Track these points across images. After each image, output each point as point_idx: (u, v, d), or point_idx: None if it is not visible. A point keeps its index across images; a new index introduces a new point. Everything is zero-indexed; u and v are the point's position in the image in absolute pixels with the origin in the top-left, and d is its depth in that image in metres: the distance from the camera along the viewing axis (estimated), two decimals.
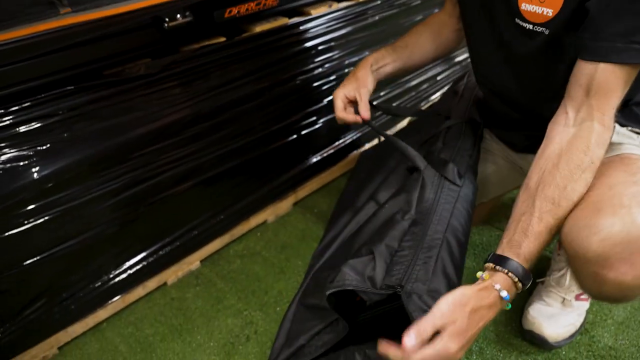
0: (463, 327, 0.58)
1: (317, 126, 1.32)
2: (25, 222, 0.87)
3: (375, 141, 1.55)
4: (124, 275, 1.06)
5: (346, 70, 1.34)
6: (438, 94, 1.77)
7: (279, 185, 1.31)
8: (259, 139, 1.18)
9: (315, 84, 1.27)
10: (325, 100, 1.32)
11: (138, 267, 1.08)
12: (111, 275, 1.05)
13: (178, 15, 0.90)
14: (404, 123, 1.64)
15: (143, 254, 1.08)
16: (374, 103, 1.01)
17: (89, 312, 1.03)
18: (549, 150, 0.69)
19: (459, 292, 0.60)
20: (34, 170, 0.85)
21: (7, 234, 0.85)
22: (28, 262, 0.90)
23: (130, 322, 1.07)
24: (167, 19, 0.89)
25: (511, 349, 0.93)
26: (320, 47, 1.24)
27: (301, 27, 1.16)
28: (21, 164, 0.83)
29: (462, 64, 1.85)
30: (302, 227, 1.32)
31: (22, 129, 0.82)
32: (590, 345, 0.93)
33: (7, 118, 0.80)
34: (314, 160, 1.38)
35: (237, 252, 1.25)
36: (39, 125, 0.83)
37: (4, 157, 0.81)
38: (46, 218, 0.89)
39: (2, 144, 0.81)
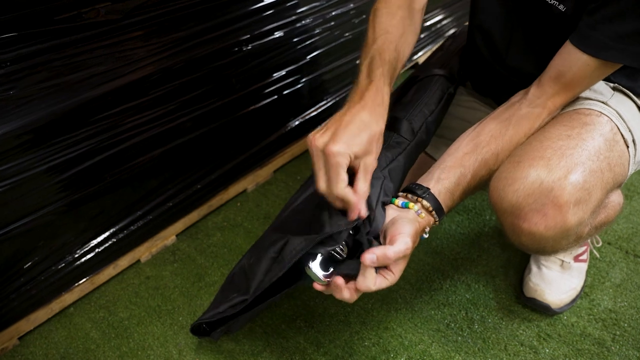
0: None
1: (298, 86, 1.22)
2: None
3: None
4: (91, 255, 0.95)
5: (332, 24, 1.22)
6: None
7: (259, 151, 1.21)
8: (237, 99, 1.07)
9: (297, 39, 1.15)
10: (308, 57, 1.21)
11: (107, 244, 0.97)
12: (76, 255, 0.93)
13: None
14: None
15: (112, 230, 0.97)
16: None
17: (53, 296, 0.92)
18: (505, 115, 0.71)
19: (412, 230, 0.61)
20: None
21: None
22: None
23: (101, 306, 0.97)
24: None
25: (513, 316, 0.90)
26: None
27: None
28: None
29: (432, 29, 1.76)
30: (285, 195, 1.23)
31: None
32: (590, 309, 0.91)
33: None
34: (296, 123, 1.27)
35: (216, 224, 1.15)
36: None
37: None
38: None
39: None
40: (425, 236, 0.66)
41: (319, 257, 0.61)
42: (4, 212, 0.79)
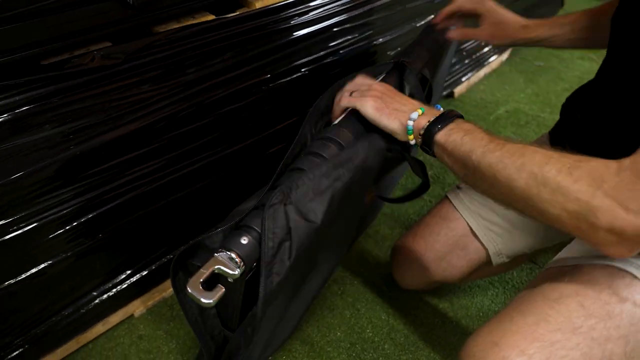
0: (385, 101, 0.63)
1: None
2: None
3: None
4: (78, 314, 0.84)
5: (361, 58, 1.09)
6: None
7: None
8: (250, 145, 0.94)
9: (326, 74, 1.02)
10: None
11: (96, 301, 0.86)
12: (65, 313, 0.83)
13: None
14: None
15: (105, 286, 0.86)
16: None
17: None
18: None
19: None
20: None
21: None
22: None
23: None
24: None
25: None
26: (335, 29, 0.98)
27: (315, 2, 0.90)
28: None
29: (472, 57, 1.61)
30: None
31: None
32: None
33: None
34: None
35: None
36: None
37: None
38: None
39: None
40: (413, 116, 0.60)
41: (199, 275, 0.48)
42: None
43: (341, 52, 1.03)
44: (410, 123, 0.60)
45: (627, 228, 0.42)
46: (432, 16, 0.91)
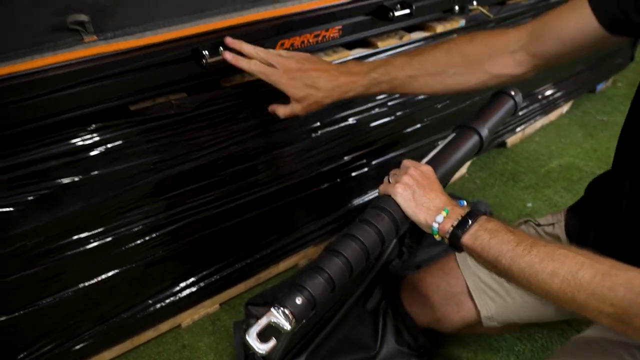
0: (414, 193, 0.65)
1: (365, 169, 1.17)
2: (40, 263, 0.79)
3: None
4: (135, 318, 0.97)
5: (408, 110, 1.17)
6: None
7: (316, 230, 1.18)
8: (297, 184, 1.05)
9: (373, 124, 1.11)
10: (380, 142, 1.16)
11: (150, 310, 0.99)
12: (124, 316, 0.96)
13: (221, 49, 0.77)
14: None
15: (158, 297, 0.99)
16: None
17: (92, 353, 0.95)
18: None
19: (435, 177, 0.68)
20: (46, 211, 0.76)
21: (22, 274, 0.78)
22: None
23: None
24: (206, 53, 0.75)
25: None
26: None
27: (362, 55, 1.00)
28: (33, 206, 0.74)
29: (542, 102, 1.62)
30: None
31: (34, 168, 0.72)
32: None
33: (23, 156, 0.71)
34: (357, 202, 1.23)
35: None
36: (54, 163, 0.74)
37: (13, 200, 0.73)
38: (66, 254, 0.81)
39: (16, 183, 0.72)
40: (439, 218, 0.62)
41: (257, 325, 0.55)
42: (65, 278, 0.84)
43: (389, 104, 1.11)
44: (435, 225, 0.62)
45: None
46: None
